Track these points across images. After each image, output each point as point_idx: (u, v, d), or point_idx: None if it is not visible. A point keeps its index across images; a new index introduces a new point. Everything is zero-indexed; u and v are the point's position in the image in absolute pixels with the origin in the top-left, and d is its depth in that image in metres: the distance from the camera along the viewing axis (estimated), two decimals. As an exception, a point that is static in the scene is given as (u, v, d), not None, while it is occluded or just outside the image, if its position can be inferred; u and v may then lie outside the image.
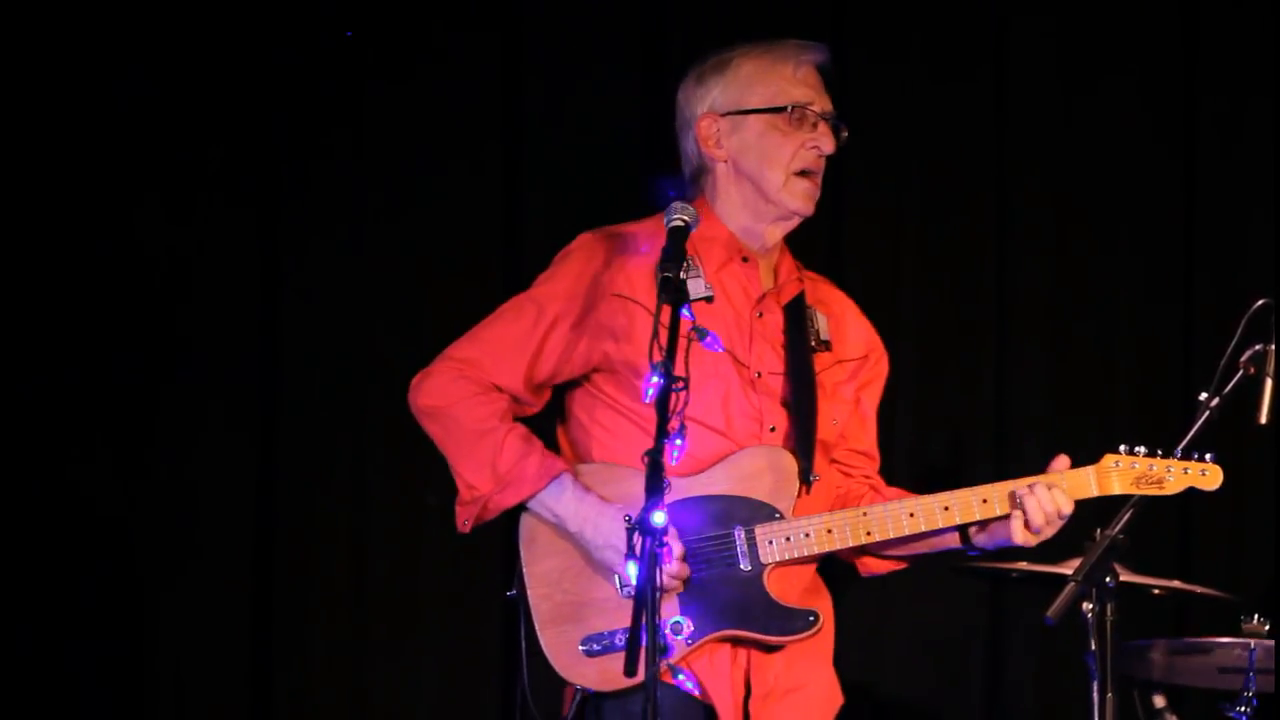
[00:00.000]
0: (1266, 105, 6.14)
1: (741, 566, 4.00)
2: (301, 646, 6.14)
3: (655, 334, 3.68)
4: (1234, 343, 4.03)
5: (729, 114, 4.14)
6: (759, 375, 4.08)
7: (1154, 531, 5.81)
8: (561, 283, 4.11)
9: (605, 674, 3.96)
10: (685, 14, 6.20)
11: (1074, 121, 6.25)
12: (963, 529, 4.09)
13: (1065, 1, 6.27)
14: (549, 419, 4.22)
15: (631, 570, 3.78)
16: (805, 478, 4.04)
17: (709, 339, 3.88)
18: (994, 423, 6.26)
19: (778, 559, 4.01)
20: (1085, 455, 6.16)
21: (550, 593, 4.02)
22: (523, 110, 6.19)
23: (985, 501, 4.03)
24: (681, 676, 3.99)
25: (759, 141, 4.12)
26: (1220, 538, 6.19)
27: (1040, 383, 6.26)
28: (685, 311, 3.75)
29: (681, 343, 3.71)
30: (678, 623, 3.97)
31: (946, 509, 4.03)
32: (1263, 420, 4.03)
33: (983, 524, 4.07)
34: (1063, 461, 4.07)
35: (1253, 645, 5.22)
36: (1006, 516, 4.02)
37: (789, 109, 4.11)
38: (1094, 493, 4.04)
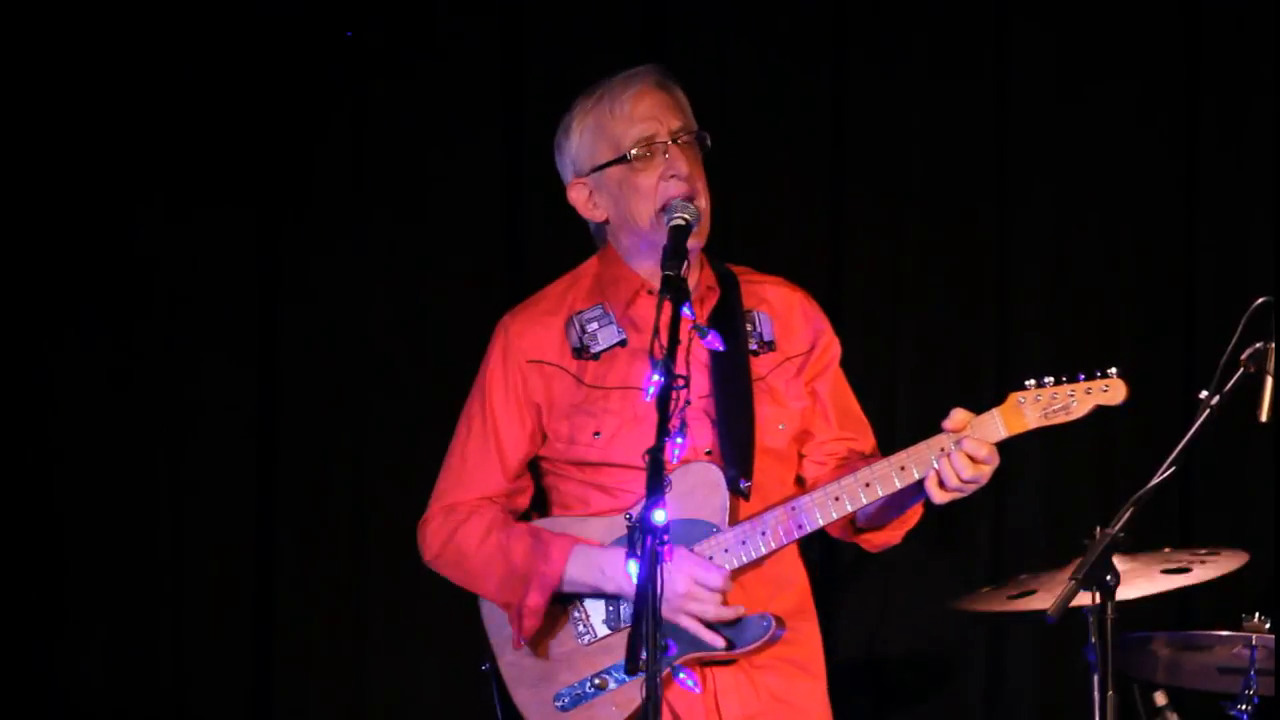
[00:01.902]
0: (1268, 105, 6.14)
1: None
2: (301, 647, 6.15)
3: (656, 331, 3.68)
4: (1234, 341, 4.03)
5: (590, 173, 4.17)
6: (689, 402, 4.01)
7: (1157, 528, 5.81)
8: (488, 375, 4.21)
9: None
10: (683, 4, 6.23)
11: (1075, 123, 6.24)
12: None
13: (1067, 2, 6.27)
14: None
15: (632, 568, 3.80)
16: (734, 486, 4.04)
17: (710, 337, 3.89)
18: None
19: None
20: (1087, 455, 6.20)
21: (518, 658, 4.14)
22: (522, 109, 6.19)
23: (904, 469, 4.00)
24: (682, 675, 3.99)
25: (621, 192, 4.13)
26: (1222, 535, 6.17)
27: (1040, 382, 6.24)
28: (685, 309, 3.75)
29: (682, 340, 3.72)
30: (664, 645, 3.97)
31: (868, 485, 4.01)
32: (1263, 418, 4.03)
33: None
34: (960, 415, 4.00)
35: (1254, 641, 5.22)
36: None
37: (629, 155, 4.11)
38: (1003, 434, 3.97)
